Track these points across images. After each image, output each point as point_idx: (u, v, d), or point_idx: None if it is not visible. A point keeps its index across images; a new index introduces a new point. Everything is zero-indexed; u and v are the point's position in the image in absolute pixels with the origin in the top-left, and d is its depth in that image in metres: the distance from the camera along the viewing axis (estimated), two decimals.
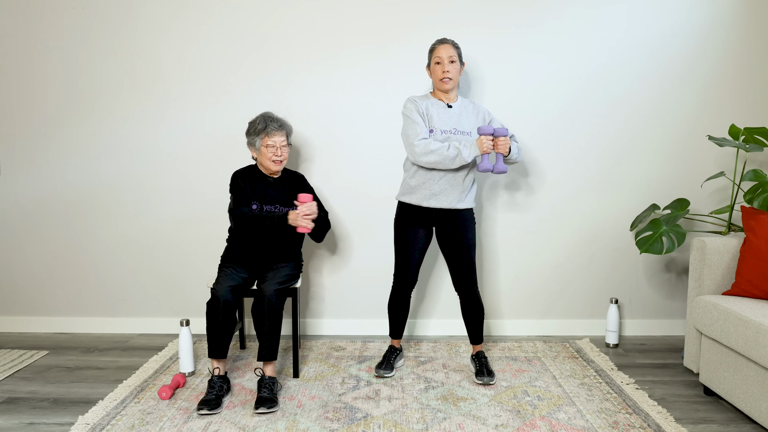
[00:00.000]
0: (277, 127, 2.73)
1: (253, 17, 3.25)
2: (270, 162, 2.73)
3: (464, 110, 2.73)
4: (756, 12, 3.22)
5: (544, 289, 3.41)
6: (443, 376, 2.81)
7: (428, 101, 2.72)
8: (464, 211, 2.74)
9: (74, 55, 3.30)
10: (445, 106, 2.71)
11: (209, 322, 2.52)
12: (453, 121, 2.68)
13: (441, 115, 2.69)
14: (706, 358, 2.52)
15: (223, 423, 2.33)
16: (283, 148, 2.75)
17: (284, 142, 2.75)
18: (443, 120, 2.68)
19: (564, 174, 3.33)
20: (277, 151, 2.73)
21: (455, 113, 2.70)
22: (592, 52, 3.25)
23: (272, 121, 2.74)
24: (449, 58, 2.65)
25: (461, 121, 2.70)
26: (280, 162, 2.75)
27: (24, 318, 3.49)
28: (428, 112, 2.68)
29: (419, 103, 2.69)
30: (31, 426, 2.32)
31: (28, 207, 3.41)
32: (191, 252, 3.41)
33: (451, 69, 2.66)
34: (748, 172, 2.80)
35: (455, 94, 2.74)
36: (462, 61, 2.73)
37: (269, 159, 2.73)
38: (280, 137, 2.73)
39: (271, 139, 2.71)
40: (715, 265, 2.60)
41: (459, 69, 2.70)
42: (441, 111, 2.70)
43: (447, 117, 2.69)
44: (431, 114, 2.68)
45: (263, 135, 2.71)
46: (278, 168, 2.77)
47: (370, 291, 3.41)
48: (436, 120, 2.67)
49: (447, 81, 2.66)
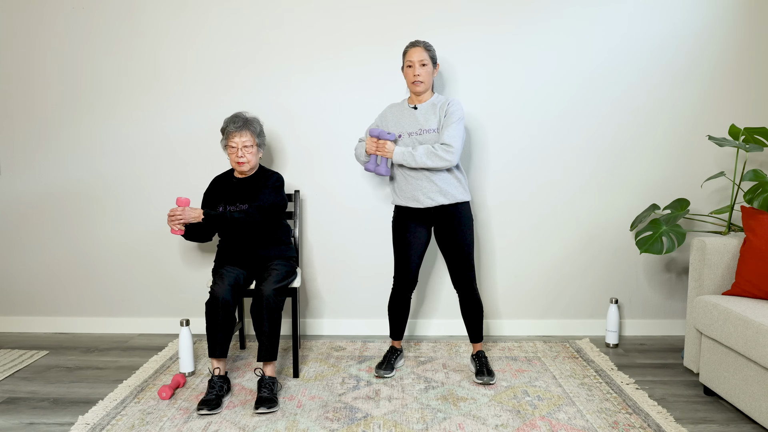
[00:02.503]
0: (236, 128, 2.68)
1: (254, 17, 3.25)
2: (234, 163, 2.73)
3: (430, 109, 2.74)
4: (756, 12, 3.22)
5: (544, 289, 3.41)
6: (443, 376, 2.81)
7: (399, 107, 2.80)
8: (457, 207, 2.73)
9: (74, 55, 3.30)
10: (411, 108, 2.75)
11: (208, 322, 2.52)
12: (419, 123, 2.72)
13: (408, 118, 2.75)
14: (706, 358, 2.52)
15: (223, 423, 2.33)
16: (245, 149, 2.70)
17: (247, 143, 2.70)
18: (410, 123, 2.73)
19: (564, 174, 3.33)
20: (238, 152, 2.70)
21: (420, 114, 2.73)
22: (592, 52, 3.25)
23: (233, 123, 2.70)
24: (420, 61, 2.67)
25: (428, 120, 2.71)
26: (243, 163, 2.71)
27: (24, 318, 3.49)
28: (396, 118, 2.77)
29: (386, 112, 2.83)
30: (31, 426, 2.32)
31: (27, 207, 3.41)
32: (191, 252, 3.41)
33: (422, 72, 2.67)
34: (748, 172, 2.79)
35: (427, 95, 2.76)
36: (436, 62, 2.73)
37: (233, 160, 2.72)
38: (241, 138, 2.69)
39: (233, 140, 2.70)
40: (715, 265, 2.60)
41: (432, 71, 2.71)
42: (407, 114, 2.75)
43: (413, 119, 2.73)
44: (399, 119, 2.76)
45: (227, 135, 2.70)
46: (243, 169, 2.74)
47: (370, 291, 3.41)
48: (404, 123, 2.74)
49: (418, 84, 2.69)
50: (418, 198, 2.70)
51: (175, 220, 2.54)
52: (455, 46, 3.23)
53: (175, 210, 2.55)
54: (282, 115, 3.30)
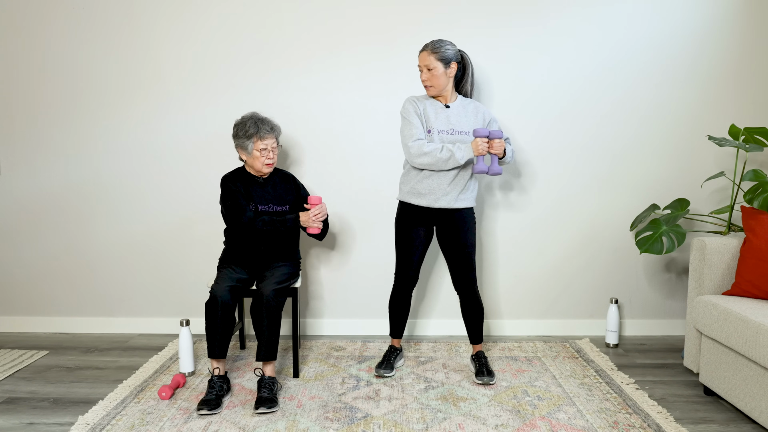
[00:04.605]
0: (268, 130, 2.72)
1: (254, 17, 3.25)
2: (262, 165, 2.73)
3: (463, 110, 2.72)
4: (756, 12, 3.22)
5: (544, 289, 3.41)
6: (443, 376, 2.81)
7: (427, 101, 2.73)
8: (464, 210, 2.74)
9: (74, 55, 3.30)
10: (442, 106, 2.71)
11: (208, 323, 2.53)
12: (451, 121, 2.69)
13: (438, 115, 2.69)
14: (706, 358, 2.52)
15: (223, 423, 2.33)
16: (274, 150, 2.75)
17: (275, 144, 2.75)
18: (440, 120, 2.69)
19: (564, 174, 3.33)
20: (270, 154, 2.73)
21: (453, 113, 2.70)
22: (592, 51, 3.25)
23: (264, 124, 2.72)
24: (426, 66, 2.66)
25: (460, 121, 2.70)
26: (271, 164, 2.76)
27: (24, 318, 3.49)
28: (425, 112, 2.69)
29: (417, 104, 2.70)
30: (31, 426, 2.32)
31: (28, 207, 3.41)
32: (191, 252, 3.41)
33: (429, 77, 2.66)
34: (748, 172, 2.80)
35: (453, 95, 2.74)
36: (447, 63, 2.65)
37: (262, 162, 2.73)
38: (271, 140, 2.73)
39: (264, 143, 2.70)
40: (715, 265, 2.60)
41: (442, 73, 2.65)
42: (438, 111, 2.70)
43: (444, 117, 2.69)
44: (428, 114, 2.69)
45: (255, 138, 2.70)
46: (270, 170, 2.78)
47: (370, 291, 3.41)
48: (433, 120, 2.69)
49: (428, 88, 2.69)
50: (440, 199, 2.68)
51: (320, 216, 2.71)
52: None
53: (321, 208, 2.71)
54: (282, 115, 3.30)
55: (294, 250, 2.86)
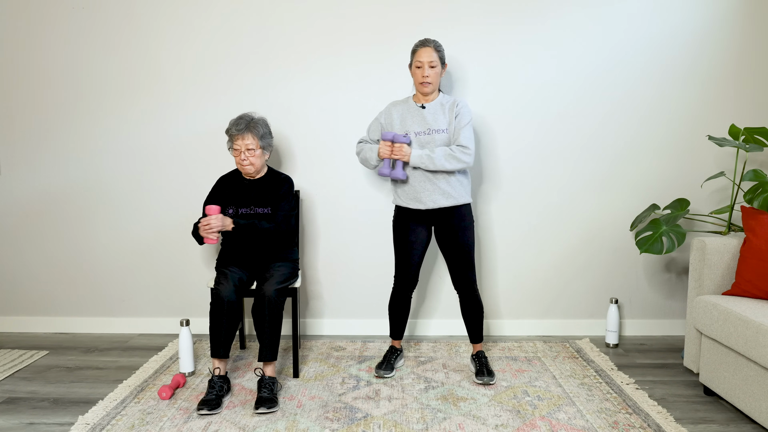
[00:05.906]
0: (238, 130, 2.65)
1: (254, 17, 3.25)
2: (239, 165, 2.71)
3: (440, 108, 2.74)
4: (756, 12, 3.22)
5: (544, 289, 3.41)
6: (443, 376, 2.81)
7: (405, 106, 2.78)
8: (461, 208, 2.74)
9: (74, 55, 3.30)
10: (418, 107, 2.74)
11: (213, 323, 2.53)
12: (427, 121, 2.71)
13: (415, 118, 2.74)
14: (706, 358, 2.52)
15: (223, 423, 2.33)
16: (249, 151, 2.67)
17: (250, 146, 2.66)
18: (417, 122, 2.73)
19: (564, 174, 3.33)
20: (241, 155, 2.68)
21: (429, 113, 2.72)
22: (592, 52, 3.25)
23: (236, 125, 2.67)
24: (429, 63, 2.66)
25: (437, 119, 2.71)
26: (247, 165, 2.69)
27: (24, 318, 3.49)
28: (402, 117, 2.75)
29: (390, 110, 2.79)
30: (31, 426, 2.32)
31: (28, 207, 3.41)
32: (191, 252, 3.41)
33: (431, 74, 2.67)
34: (748, 172, 2.79)
35: (434, 94, 2.76)
36: (444, 62, 2.73)
37: (238, 162, 2.71)
38: (244, 140, 2.66)
39: (236, 143, 2.68)
40: (715, 265, 2.60)
41: (440, 72, 2.71)
42: (415, 113, 2.74)
43: (420, 118, 2.73)
44: (405, 118, 2.74)
45: (236, 138, 2.68)
46: (248, 171, 2.72)
47: (370, 291, 3.41)
48: (410, 123, 2.74)
49: (427, 85, 2.69)
50: (421, 199, 2.70)
51: (210, 229, 2.52)
52: (455, 45, 3.23)
53: (209, 220, 2.52)
54: (282, 115, 3.30)
55: (291, 251, 2.85)
